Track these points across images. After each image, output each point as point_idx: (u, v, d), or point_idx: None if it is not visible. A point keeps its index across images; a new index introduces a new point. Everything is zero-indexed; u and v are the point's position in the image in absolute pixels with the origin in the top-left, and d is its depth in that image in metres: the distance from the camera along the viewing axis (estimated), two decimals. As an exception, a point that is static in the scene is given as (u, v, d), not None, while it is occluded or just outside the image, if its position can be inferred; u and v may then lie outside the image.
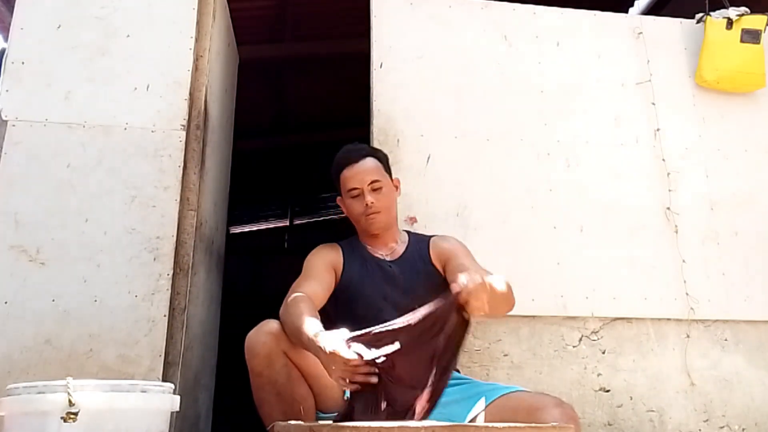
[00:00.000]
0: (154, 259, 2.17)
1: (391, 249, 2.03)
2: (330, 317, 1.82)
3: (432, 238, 2.07)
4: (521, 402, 1.63)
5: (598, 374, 2.51)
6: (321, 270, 1.92)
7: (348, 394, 1.70)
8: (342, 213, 2.13)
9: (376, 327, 1.46)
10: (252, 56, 3.86)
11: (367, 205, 1.94)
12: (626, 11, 4.34)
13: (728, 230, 2.75)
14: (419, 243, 2.05)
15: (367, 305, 1.88)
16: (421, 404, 1.44)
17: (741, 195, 2.81)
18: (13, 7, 2.37)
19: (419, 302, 1.80)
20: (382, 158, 2.06)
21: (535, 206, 2.65)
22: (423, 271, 1.97)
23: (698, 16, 2.98)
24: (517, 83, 2.81)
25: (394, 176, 2.08)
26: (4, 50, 2.34)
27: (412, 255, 2.01)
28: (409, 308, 1.79)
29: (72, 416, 1.26)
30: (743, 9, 2.93)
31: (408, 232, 2.13)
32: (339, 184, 2.02)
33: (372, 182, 1.96)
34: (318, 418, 1.70)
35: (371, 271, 1.97)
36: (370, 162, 2.00)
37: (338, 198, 2.07)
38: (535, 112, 2.78)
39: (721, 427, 2.52)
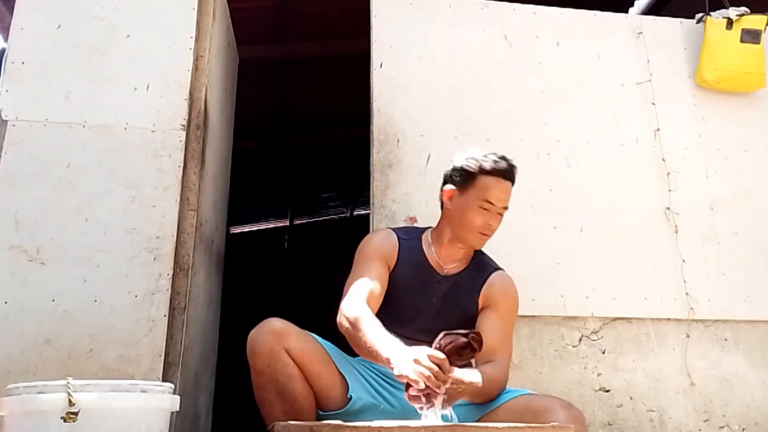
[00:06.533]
0: (154, 259, 2.17)
1: (453, 262, 1.92)
2: None
3: (491, 277, 1.92)
4: (528, 405, 1.64)
5: (598, 374, 2.51)
6: (377, 267, 1.84)
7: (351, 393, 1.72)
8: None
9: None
10: (252, 56, 3.86)
11: (489, 225, 1.84)
12: (626, 11, 4.33)
13: (728, 230, 2.75)
14: (478, 272, 1.93)
15: (400, 311, 1.86)
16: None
17: (741, 195, 2.81)
18: (13, 7, 2.37)
19: (445, 328, 1.82)
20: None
21: (535, 206, 2.65)
22: (464, 306, 1.89)
23: (698, 16, 2.98)
24: (517, 83, 2.81)
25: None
26: (4, 50, 2.34)
27: (465, 282, 1.91)
28: (433, 330, 1.81)
29: (72, 416, 1.26)
30: (743, 9, 2.93)
31: (479, 252, 1.99)
32: (470, 183, 1.86)
33: (504, 208, 1.86)
34: (319, 417, 1.71)
35: (419, 281, 1.89)
36: (511, 187, 1.89)
37: (449, 188, 1.91)
38: (535, 112, 2.78)
39: (721, 427, 2.52)
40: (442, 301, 1.89)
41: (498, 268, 1.96)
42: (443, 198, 1.93)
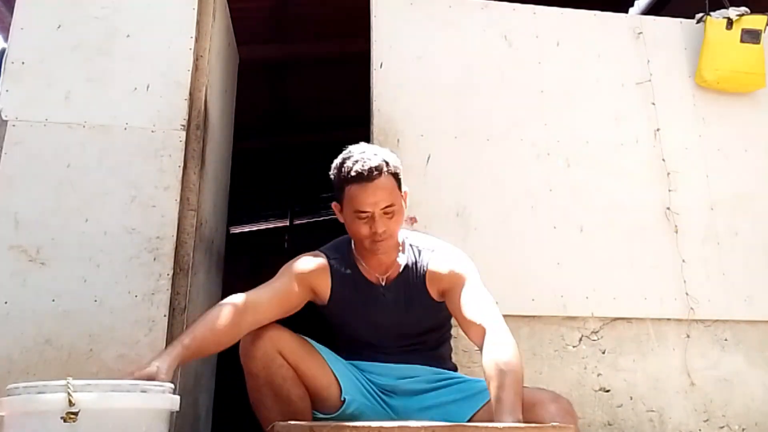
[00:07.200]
0: (154, 259, 2.17)
1: (386, 268, 1.77)
2: (333, 338, 1.82)
3: (429, 267, 1.75)
4: None
5: (598, 374, 2.51)
6: (288, 288, 1.71)
7: (345, 396, 1.70)
8: (334, 213, 1.78)
9: None
10: (252, 56, 3.86)
11: (375, 232, 1.65)
12: (626, 11, 4.33)
13: (728, 230, 2.75)
14: (416, 265, 1.77)
15: (358, 333, 1.81)
16: None
17: (741, 195, 2.81)
18: (13, 7, 2.37)
19: (412, 329, 1.77)
20: (396, 172, 1.70)
21: (535, 206, 2.65)
22: (420, 304, 1.77)
23: (698, 16, 2.98)
24: (517, 83, 2.81)
25: (403, 179, 1.76)
26: (4, 50, 2.34)
27: (406, 280, 1.77)
28: (401, 334, 1.75)
29: (72, 416, 1.25)
30: (743, 9, 2.93)
31: (405, 241, 1.83)
32: (341, 195, 1.69)
33: (386, 207, 1.65)
34: (314, 419, 1.70)
35: (363, 298, 1.77)
36: (384, 182, 1.65)
37: (334, 203, 1.75)
38: (535, 112, 2.78)
39: (721, 427, 2.52)
40: (395, 307, 1.78)
41: (429, 250, 1.79)
42: (336, 213, 1.77)
